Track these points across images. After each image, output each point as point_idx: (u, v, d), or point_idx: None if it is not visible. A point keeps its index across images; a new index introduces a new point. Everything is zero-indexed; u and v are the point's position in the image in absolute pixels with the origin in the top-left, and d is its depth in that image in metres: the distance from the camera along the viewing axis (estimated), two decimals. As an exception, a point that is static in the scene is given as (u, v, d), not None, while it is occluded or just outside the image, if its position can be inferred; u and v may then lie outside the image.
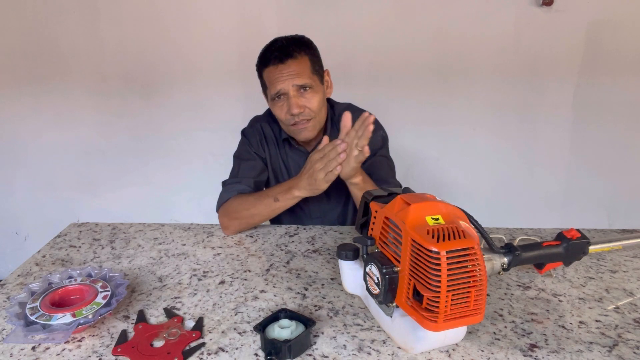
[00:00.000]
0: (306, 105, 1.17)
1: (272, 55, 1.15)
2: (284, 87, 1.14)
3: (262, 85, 1.23)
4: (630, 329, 0.76)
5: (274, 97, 1.18)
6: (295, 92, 1.15)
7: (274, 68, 1.15)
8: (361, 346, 0.72)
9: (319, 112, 1.21)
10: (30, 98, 2.25)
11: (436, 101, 2.20)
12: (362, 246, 0.74)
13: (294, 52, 1.15)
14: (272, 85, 1.16)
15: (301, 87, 1.15)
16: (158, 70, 2.20)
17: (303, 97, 1.16)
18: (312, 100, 1.17)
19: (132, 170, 2.36)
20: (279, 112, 1.19)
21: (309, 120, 1.19)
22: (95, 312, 0.74)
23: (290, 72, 1.14)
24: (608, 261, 1.00)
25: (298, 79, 1.14)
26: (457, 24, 2.09)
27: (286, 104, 1.17)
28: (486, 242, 0.73)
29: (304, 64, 1.16)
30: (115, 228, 1.20)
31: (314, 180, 1.03)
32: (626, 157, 2.26)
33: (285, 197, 1.10)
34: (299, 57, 1.15)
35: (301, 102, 1.16)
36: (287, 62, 1.14)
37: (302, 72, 1.15)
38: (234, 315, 0.81)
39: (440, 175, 2.32)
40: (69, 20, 2.13)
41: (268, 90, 1.20)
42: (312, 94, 1.17)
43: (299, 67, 1.15)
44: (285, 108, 1.17)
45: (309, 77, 1.16)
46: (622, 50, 2.09)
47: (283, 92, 1.15)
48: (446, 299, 0.60)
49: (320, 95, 1.20)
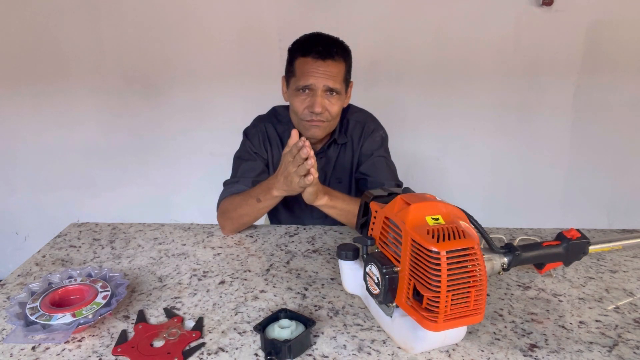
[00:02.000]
0: (328, 108, 1.18)
1: (316, 49, 1.14)
2: (316, 84, 1.14)
3: (290, 71, 1.21)
4: (630, 329, 0.76)
5: (300, 88, 1.17)
6: (323, 92, 1.16)
7: (312, 61, 1.14)
8: (361, 346, 0.72)
9: (335, 118, 1.23)
10: (30, 98, 2.25)
11: (436, 101, 2.20)
12: (362, 246, 0.74)
13: (335, 54, 1.15)
14: (303, 76, 1.15)
15: (331, 89, 1.16)
16: (158, 70, 2.20)
17: (328, 99, 1.17)
18: (335, 105, 1.19)
19: (132, 170, 2.36)
20: (298, 104, 1.19)
21: (324, 122, 1.20)
22: (95, 312, 0.74)
23: (327, 72, 1.14)
24: (608, 261, 1.00)
25: (331, 81, 1.15)
26: (457, 24, 2.09)
27: (309, 100, 1.17)
28: (486, 242, 0.73)
29: (340, 68, 1.17)
30: (115, 228, 1.20)
31: (289, 182, 1.01)
32: (626, 157, 2.26)
33: (266, 197, 1.10)
34: (338, 60, 1.16)
35: (325, 103, 1.17)
36: (327, 61, 1.14)
37: (337, 76, 1.16)
38: (234, 315, 0.81)
39: (440, 175, 2.32)
40: (69, 20, 2.13)
41: (295, 79, 1.18)
42: (337, 99, 1.19)
43: (335, 70, 1.15)
44: (307, 103, 1.17)
45: (340, 83, 1.17)
46: (622, 50, 2.09)
47: (313, 87, 1.15)
48: (446, 299, 0.60)
49: (341, 103, 1.22)
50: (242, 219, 1.15)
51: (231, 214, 1.15)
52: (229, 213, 1.16)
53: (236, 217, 1.15)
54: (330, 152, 1.31)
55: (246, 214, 1.14)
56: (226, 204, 1.18)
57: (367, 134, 1.30)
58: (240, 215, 1.14)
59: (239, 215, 1.14)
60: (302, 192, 1.06)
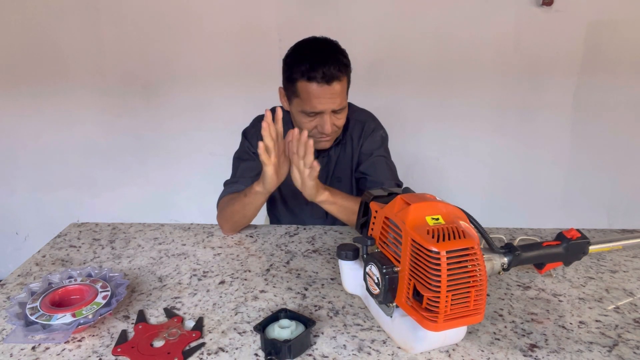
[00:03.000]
0: (336, 124, 1.18)
1: (319, 74, 1.09)
2: (324, 109, 1.13)
3: (291, 90, 1.17)
4: (630, 329, 0.76)
5: (307, 112, 1.16)
6: (330, 114, 1.15)
7: (318, 87, 1.10)
8: (361, 346, 0.72)
9: (342, 126, 1.23)
10: (30, 98, 2.25)
11: (436, 101, 2.20)
12: (362, 246, 0.74)
13: (339, 75, 1.11)
14: (310, 103, 1.13)
15: (337, 110, 1.16)
16: (158, 71, 2.20)
17: (336, 116, 1.17)
18: (342, 118, 1.19)
19: (132, 170, 2.36)
20: (305, 125, 1.18)
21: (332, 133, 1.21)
22: (95, 312, 0.74)
23: (334, 95, 1.12)
24: (608, 261, 1.00)
25: (338, 103, 1.13)
26: (457, 23, 2.09)
27: (317, 121, 1.16)
28: (486, 242, 0.73)
29: (344, 84, 1.15)
30: (115, 228, 1.20)
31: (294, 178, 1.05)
32: (626, 157, 2.26)
33: (250, 192, 1.10)
34: (342, 77, 1.13)
35: (334, 121, 1.17)
36: (332, 84, 1.10)
37: (342, 93, 1.14)
38: (234, 315, 0.81)
39: (440, 175, 2.32)
40: (69, 20, 2.13)
41: (299, 101, 1.16)
42: (343, 113, 1.19)
43: (340, 89, 1.13)
44: (314, 123, 1.17)
45: (345, 98, 1.17)
46: (622, 50, 2.09)
47: (320, 111, 1.14)
48: (446, 299, 0.60)
49: (347, 111, 1.21)
50: (233, 216, 1.15)
51: (225, 213, 1.16)
52: (224, 211, 1.16)
53: (229, 215, 1.15)
54: (332, 152, 1.31)
55: (236, 212, 1.14)
56: (222, 203, 1.19)
57: (367, 134, 1.30)
58: (231, 213, 1.15)
59: (231, 213, 1.15)
60: (303, 189, 1.06)
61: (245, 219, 1.16)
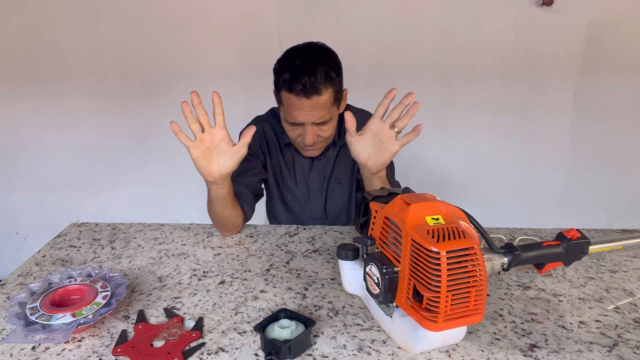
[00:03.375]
0: (319, 134, 1.17)
1: (299, 86, 1.07)
2: (304, 120, 1.12)
3: (277, 96, 1.17)
4: (630, 329, 0.76)
5: (289, 122, 1.15)
6: (312, 125, 1.14)
7: (296, 99, 1.09)
8: (361, 346, 0.72)
9: (330, 137, 1.22)
10: (30, 98, 2.25)
11: (436, 101, 2.20)
12: (362, 246, 0.74)
13: (321, 88, 1.08)
14: (290, 113, 1.12)
15: (319, 122, 1.14)
16: (158, 71, 2.20)
17: (319, 127, 1.15)
18: (327, 131, 1.17)
19: (132, 170, 2.36)
20: (291, 134, 1.18)
21: (318, 144, 1.20)
22: (95, 312, 0.74)
23: (313, 108, 1.09)
24: (608, 261, 1.00)
25: (318, 116, 1.11)
26: (457, 23, 2.09)
27: (299, 131, 1.16)
28: (486, 242, 0.73)
29: (328, 97, 1.10)
30: (115, 228, 1.20)
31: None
32: (626, 157, 2.26)
33: (205, 184, 1.07)
34: (324, 92, 1.09)
35: (315, 132, 1.15)
36: (312, 97, 1.08)
37: (324, 106, 1.11)
38: (234, 315, 0.81)
39: (440, 175, 2.32)
40: (69, 20, 2.13)
41: (283, 109, 1.16)
42: (328, 125, 1.16)
43: (322, 102, 1.10)
44: (297, 133, 1.16)
45: (328, 111, 1.13)
46: (622, 50, 2.09)
47: (301, 123, 1.14)
48: (446, 299, 0.60)
49: (334, 122, 1.19)
50: (210, 215, 1.13)
51: (208, 213, 1.14)
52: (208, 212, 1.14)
53: (209, 215, 1.13)
54: (329, 154, 1.31)
55: (209, 210, 1.11)
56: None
57: None
58: (209, 213, 1.13)
59: (208, 212, 1.13)
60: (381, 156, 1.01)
61: (219, 216, 1.10)
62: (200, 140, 0.98)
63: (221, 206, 1.08)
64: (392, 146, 1.00)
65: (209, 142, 0.98)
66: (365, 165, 1.04)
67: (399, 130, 1.00)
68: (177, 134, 0.96)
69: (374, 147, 1.02)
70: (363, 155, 1.03)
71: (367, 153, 1.02)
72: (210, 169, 1.00)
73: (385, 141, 1.01)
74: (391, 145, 1.00)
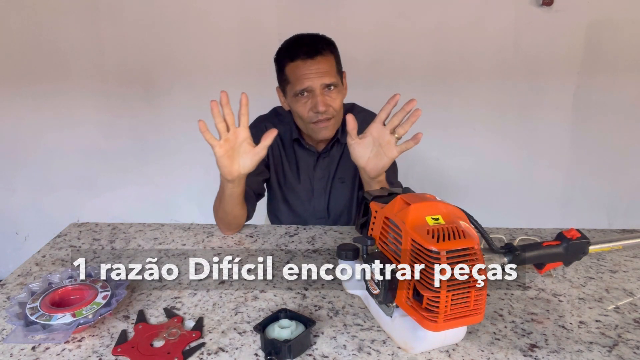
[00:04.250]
0: (330, 104, 1.16)
1: (301, 51, 1.12)
2: (312, 85, 1.13)
3: (282, 80, 1.19)
4: (630, 329, 0.76)
5: (299, 92, 1.16)
6: (322, 90, 1.14)
7: (302, 63, 1.12)
8: (361, 346, 0.72)
9: (340, 112, 1.21)
10: (30, 98, 2.25)
11: (436, 101, 2.20)
12: (362, 246, 0.74)
13: (322, 50, 1.13)
14: (298, 81, 1.14)
15: (328, 85, 1.14)
16: (158, 71, 2.20)
17: (329, 95, 1.16)
18: (336, 99, 1.17)
19: (132, 170, 2.36)
20: (301, 109, 1.18)
21: (330, 119, 1.19)
22: (95, 312, 0.74)
23: (320, 69, 1.12)
24: (608, 261, 1.00)
25: (327, 77, 1.13)
26: (457, 23, 2.09)
27: (311, 101, 1.16)
28: (486, 242, 0.73)
29: (331, 62, 1.15)
30: (115, 228, 1.20)
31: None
32: (626, 157, 2.26)
33: (221, 184, 1.09)
34: (326, 54, 1.14)
35: (327, 100, 1.15)
36: (316, 58, 1.12)
37: (330, 70, 1.14)
38: (234, 315, 0.81)
39: (440, 175, 2.32)
40: (69, 20, 2.13)
41: (291, 86, 1.17)
42: (337, 93, 1.17)
43: (327, 65, 1.13)
44: (309, 105, 1.16)
45: (335, 76, 1.16)
46: (622, 50, 2.09)
47: (310, 89, 1.14)
48: (446, 299, 0.60)
49: (342, 96, 1.20)
50: (218, 213, 1.14)
51: (214, 211, 1.15)
52: (213, 211, 1.16)
53: (215, 213, 1.15)
54: (334, 152, 1.31)
55: (219, 208, 1.13)
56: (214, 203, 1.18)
57: None
58: (216, 210, 1.14)
59: (216, 210, 1.14)
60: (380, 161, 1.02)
61: (228, 215, 1.12)
62: (226, 139, 0.99)
63: (232, 205, 1.10)
64: (391, 152, 1.02)
65: (232, 141, 1.00)
66: (364, 169, 1.05)
67: (399, 137, 1.01)
68: (204, 132, 0.97)
69: (373, 152, 1.03)
70: (362, 159, 1.04)
71: (366, 157, 1.04)
72: (232, 168, 1.02)
73: (384, 146, 1.02)
74: (390, 151, 1.02)
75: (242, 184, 1.08)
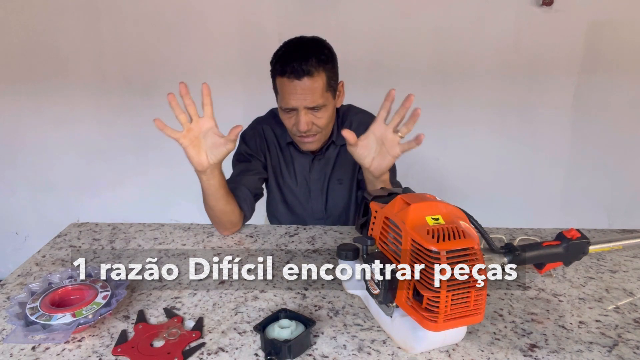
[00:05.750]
0: (315, 122, 1.16)
1: (290, 68, 1.09)
2: (297, 105, 1.12)
3: (274, 87, 1.19)
4: (630, 329, 0.76)
5: (283, 109, 1.16)
6: (306, 111, 1.13)
7: (288, 82, 1.10)
8: (361, 346, 0.72)
9: (326, 127, 1.21)
10: (30, 98, 2.25)
11: (436, 101, 2.20)
12: (362, 246, 0.74)
13: (312, 70, 1.09)
14: (283, 98, 1.13)
15: (312, 108, 1.13)
16: (158, 70, 2.20)
17: (313, 114, 1.15)
18: (322, 118, 1.16)
19: (132, 170, 2.36)
20: (287, 123, 1.19)
21: (315, 135, 1.19)
22: (95, 312, 0.74)
23: (305, 90, 1.10)
24: (608, 261, 1.00)
25: (311, 99, 1.11)
26: (457, 23, 2.09)
27: (294, 118, 1.15)
28: (486, 242, 0.73)
29: (319, 82, 1.11)
30: (115, 228, 1.20)
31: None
32: (626, 157, 2.26)
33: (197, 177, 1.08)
34: (316, 75, 1.10)
35: (310, 119, 1.15)
36: (303, 79, 1.09)
37: (316, 91, 1.11)
38: (234, 315, 0.81)
39: (440, 175, 2.32)
40: (69, 20, 2.13)
41: (279, 97, 1.17)
42: (323, 112, 1.16)
43: (313, 86, 1.10)
44: (292, 121, 1.16)
45: (322, 96, 1.13)
46: (622, 50, 2.09)
47: (294, 108, 1.14)
48: (446, 299, 0.60)
49: (330, 111, 1.19)
50: (207, 213, 1.14)
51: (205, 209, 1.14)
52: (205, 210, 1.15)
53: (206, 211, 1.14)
54: (329, 153, 1.31)
55: (206, 207, 1.12)
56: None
57: None
58: (205, 210, 1.14)
59: (205, 209, 1.14)
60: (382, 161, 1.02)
61: (214, 211, 1.11)
62: (188, 129, 1.00)
63: (214, 199, 1.09)
64: (394, 150, 1.02)
65: (196, 131, 1.00)
66: (369, 169, 1.05)
67: (403, 135, 1.01)
68: (163, 129, 0.97)
69: (376, 151, 1.03)
70: (367, 159, 1.04)
71: (370, 157, 1.03)
72: (200, 158, 1.01)
73: (388, 145, 1.02)
74: (393, 149, 1.01)
75: (216, 176, 1.07)
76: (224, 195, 1.10)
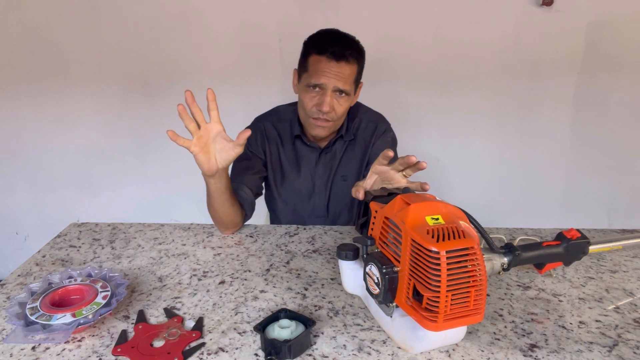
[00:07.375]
0: (335, 108, 1.19)
1: (331, 49, 1.14)
2: (327, 84, 1.16)
3: (302, 65, 1.21)
4: (630, 329, 0.76)
5: (311, 85, 1.18)
6: (332, 92, 1.17)
7: (326, 61, 1.15)
8: (361, 346, 0.72)
9: (340, 119, 1.24)
10: (30, 98, 2.25)
11: (436, 101, 2.20)
12: (362, 246, 0.74)
13: (350, 57, 1.15)
14: (316, 74, 1.16)
15: (340, 90, 1.17)
16: (158, 71, 2.20)
17: (337, 99, 1.19)
18: (342, 106, 1.20)
19: (132, 170, 2.36)
20: (307, 101, 1.20)
21: (329, 121, 1.21)
22: (95, 312, 0.74)
23: (339, 73, 1.15)
24: (608, 261, 1.00)
25: (342, 82, 1.16)
26: (457, 24, 2.09)
27: (318, 98, 1.18)
28: (486, 242, 0.73)
29: (353, 70, 1.18)
30: (115, 228, 1.20)
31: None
32: (626, 157, 2.26)
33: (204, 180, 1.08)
34: (352, 62, 1.16)
35: (333, 103, 1.18)
36: (341, 62, 1.15)
37: (348, 78, 1.17)
38: (234, 315, 0.81)
39: (440, 175, 2.32)
40: (69, 20, 2.13)
41: (307, 75, 1.19)
42: (345, 100, 1.20)
43: (348, 72, 1.16)
44: (316, 100, 1.18)
45: (350, 85, 1.18)
46: (622, 50, 2.09)
47: (324, 86, 1.16)
48: (446, 299, 0.60)
49: (349, 103, 1.23)
50: (210, 213, 1.14)
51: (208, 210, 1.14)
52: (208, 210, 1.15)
53: (209, 213, 1.14)
54: (336, 148, 1.32)
55: (209, 207, 1.12)
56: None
57: (379, 134, 1.32)
58: (208, 210, 1.13)
59: (208, 210, 1.13)
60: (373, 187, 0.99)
61: (218, 213, 1.11)
62: (198, 137, 0.99)
63: (220, 202, 1.10)
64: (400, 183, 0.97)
65: (205, 137, 1.00)
66: None
67: (408, 176, 0.98)
68: (175, 140, 0.97)
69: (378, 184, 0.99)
70: None
71: None
72: (210, 164, 1.01)
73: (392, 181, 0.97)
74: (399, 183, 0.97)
75: (224, 179, 1.07)
76: (229, 198, 1.11)
